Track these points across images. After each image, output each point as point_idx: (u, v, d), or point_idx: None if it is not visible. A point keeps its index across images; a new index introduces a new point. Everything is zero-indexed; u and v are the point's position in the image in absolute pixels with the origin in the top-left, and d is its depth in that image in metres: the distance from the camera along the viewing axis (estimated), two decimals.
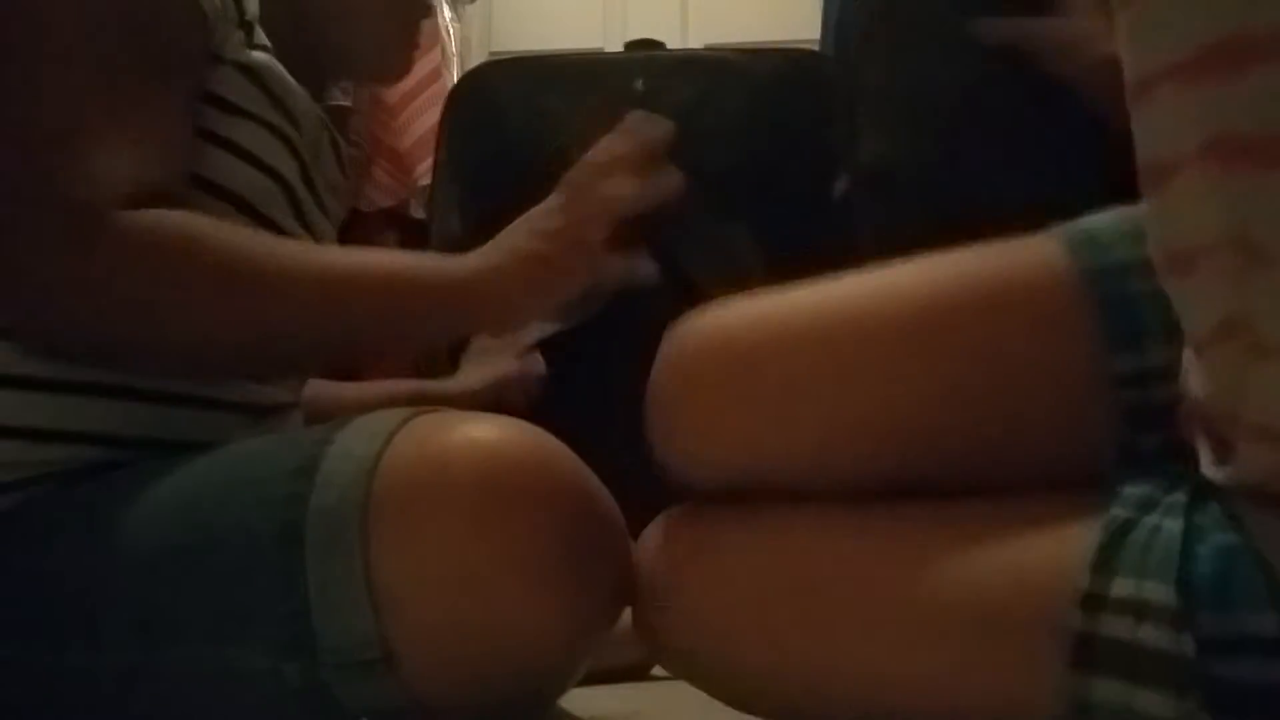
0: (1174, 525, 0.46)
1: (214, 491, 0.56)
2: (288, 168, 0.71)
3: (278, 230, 0.70)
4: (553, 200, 0.71)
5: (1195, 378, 0.49)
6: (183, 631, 0.53)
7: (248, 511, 0.53)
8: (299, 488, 0.52)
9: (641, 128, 0.73)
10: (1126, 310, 0.53)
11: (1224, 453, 0.47)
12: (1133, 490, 0.49)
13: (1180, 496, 0.48)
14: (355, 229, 1.81)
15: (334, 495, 0.51)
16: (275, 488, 0.53)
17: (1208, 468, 0.48)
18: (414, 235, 1.88)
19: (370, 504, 0.51)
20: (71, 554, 0.57)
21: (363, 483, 0.51)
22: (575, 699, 0.67)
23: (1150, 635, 0.44)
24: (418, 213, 1.86)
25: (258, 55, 0.70)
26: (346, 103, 1.68)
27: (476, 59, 1.57)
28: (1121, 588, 0.45)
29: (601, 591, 0.54)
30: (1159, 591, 0.44)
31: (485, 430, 0.53)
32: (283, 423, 0.72)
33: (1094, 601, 0.46)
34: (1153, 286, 0.49)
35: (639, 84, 0.86)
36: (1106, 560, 0.46)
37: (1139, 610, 0.45)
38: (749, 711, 0.57)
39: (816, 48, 1.36)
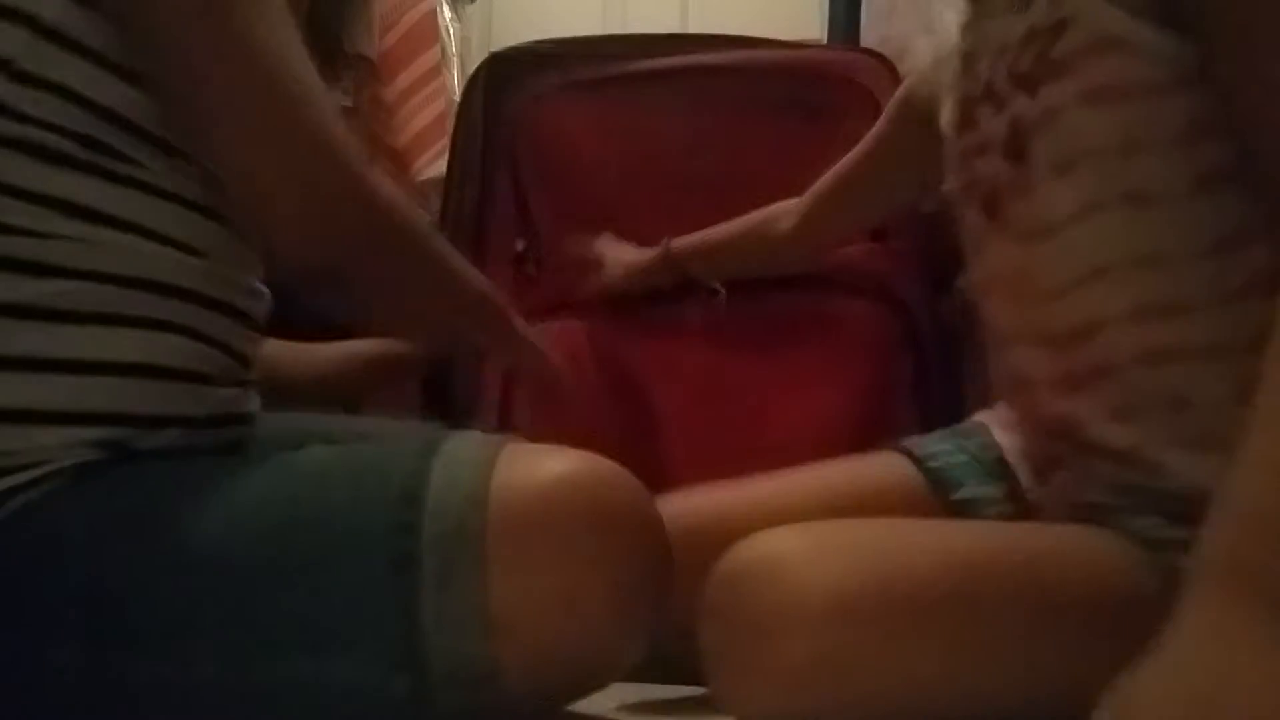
0: None
1: (309, 512, 0.58)
2: None
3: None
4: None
5: None
6: (276, 646, 0.55)
7: (352, 536, 0.56)
8: (408, 516, 0.55)
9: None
10: None
11: None
12: None
13: None
14: None
15: (449, 525, 0.55)
16: (379, 514, 0.56)
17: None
18: None
19: (487, 534, 0.55)
20: (143, 560, 0.57)
21: (477, 514, 0.55)
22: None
23: None
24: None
25: None
26: (347, 102, 1.68)
27: (476, 59, 1.56)
28: None
29: (662, 606, 0.60)
30: None
31: (578, 464, 0.59)
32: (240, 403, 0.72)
33: None
34: None
35: None
36: None
37: None
38: None
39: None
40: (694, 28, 2.59)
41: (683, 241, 1.12)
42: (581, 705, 0.71)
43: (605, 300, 1.15)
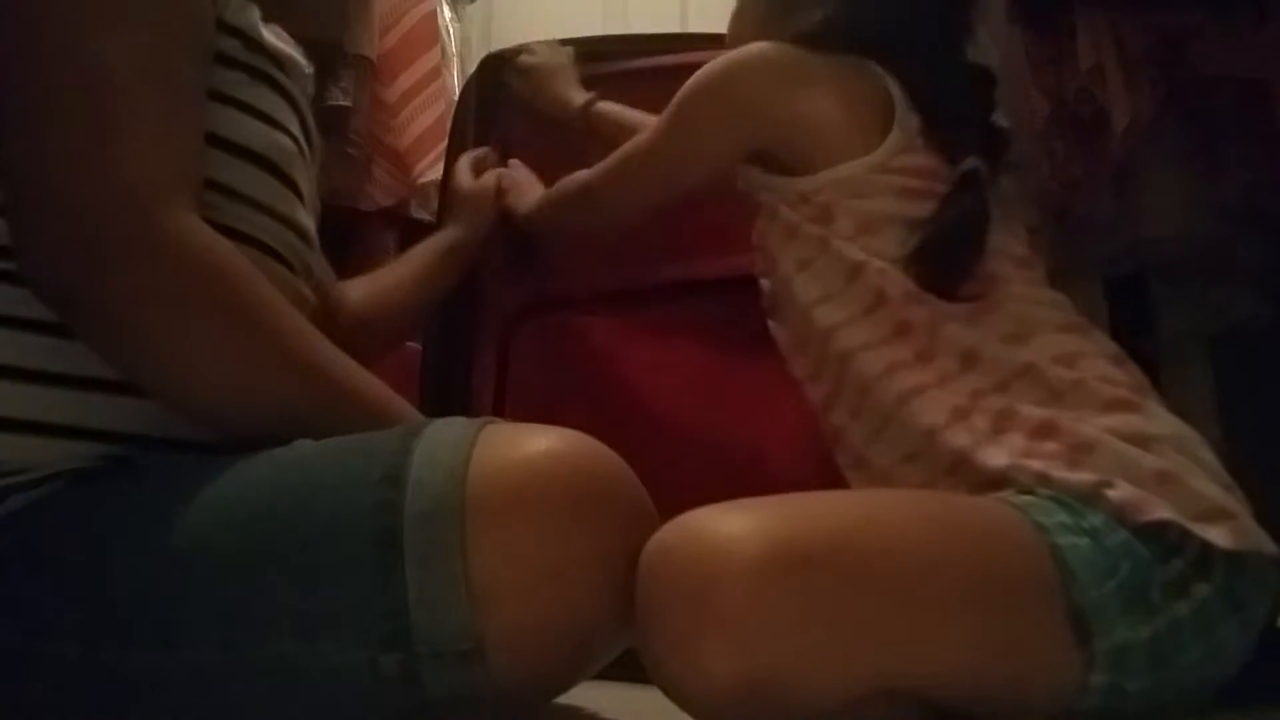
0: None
1: (294, 496, 0.58)
2: (295, 126, 0.73)
3: (296, 189, 0.72)
4: None
5: None
6: (268, 629, 0.55)
7: (337, 516, 0.56)
8: (390, 495, 0.55)
9: None
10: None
11: None
12: None
13: None
14: (355, 229, 1.80)
15: (429, 502, 0.55)
16: (363, 494, 0.56)
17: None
18: (414, 234, 1.87)
19: (466, 510, 0.55)
20: (135, 553, 0.57)
21: (457, 490, 0.55)
22: (575, 696, 0.67)
23: None
24: (418, 212, 1.85)
25: (252, 15, 0.71)
26: (346, 103, 1.67)
27: (476, 58, 1.56)
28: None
29: None
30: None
31: (558, 440, 0.59)
32: None
33: None
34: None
35: None
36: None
37: None
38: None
39: None
40: (694, 26, 2.58)
41: (607, 106, 1.18)
42: (579, 705, 0.71)
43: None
